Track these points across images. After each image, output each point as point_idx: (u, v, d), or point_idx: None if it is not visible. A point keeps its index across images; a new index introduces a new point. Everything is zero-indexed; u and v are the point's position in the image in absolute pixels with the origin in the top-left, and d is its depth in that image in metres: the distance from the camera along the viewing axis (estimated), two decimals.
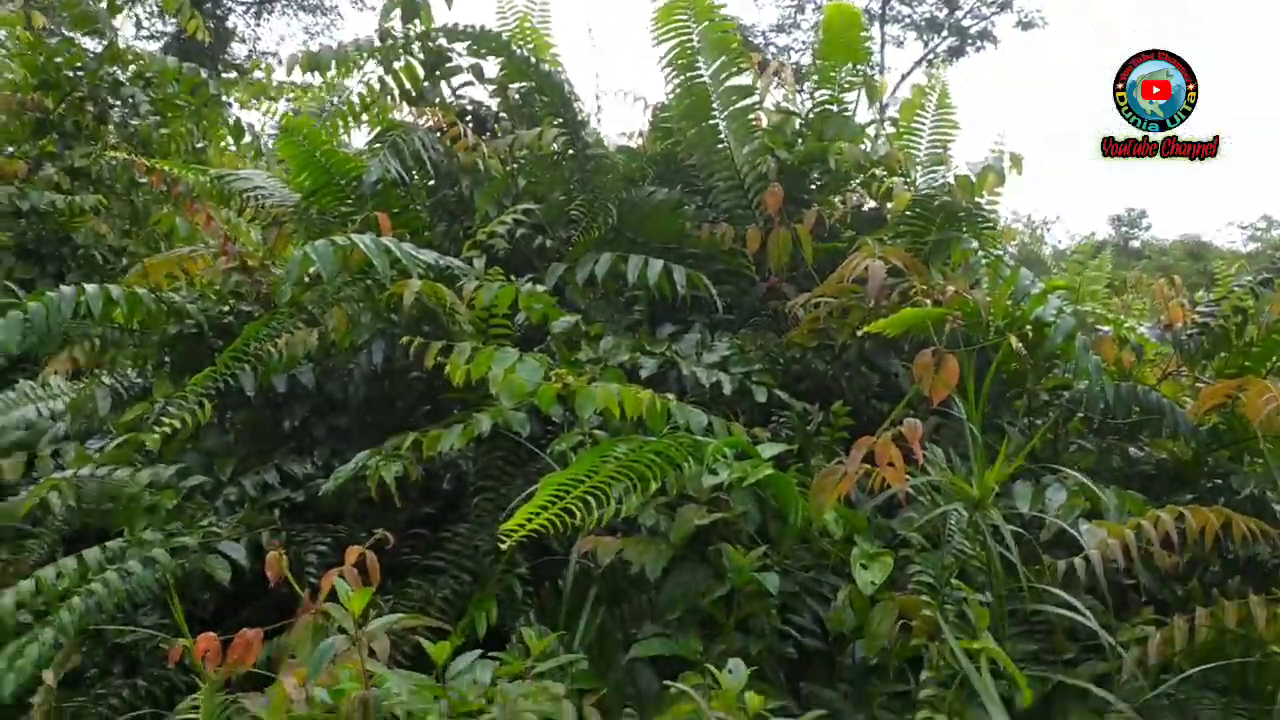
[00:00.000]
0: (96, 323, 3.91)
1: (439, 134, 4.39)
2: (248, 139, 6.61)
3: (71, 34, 6.52)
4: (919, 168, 4.48)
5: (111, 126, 6.25)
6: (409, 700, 2.23)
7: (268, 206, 4.24)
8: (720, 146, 4.21)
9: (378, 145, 4.18)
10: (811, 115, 4.50)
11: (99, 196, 5.68)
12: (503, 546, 2.32)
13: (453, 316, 3.40)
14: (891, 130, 4.63)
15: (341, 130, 5.02)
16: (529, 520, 2.36)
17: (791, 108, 4.64)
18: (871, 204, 4.39)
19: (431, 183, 4.44)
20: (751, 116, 4.25)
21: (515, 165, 4.46)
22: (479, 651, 2.30)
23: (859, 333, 3.27)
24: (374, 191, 4.00)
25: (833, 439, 3.32)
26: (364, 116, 4.92)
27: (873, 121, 4.62)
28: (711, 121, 4.18)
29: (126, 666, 3.65)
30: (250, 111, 7.68)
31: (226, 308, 4.07)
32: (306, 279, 3.71)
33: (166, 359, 4.04)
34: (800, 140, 4.44)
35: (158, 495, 3.59)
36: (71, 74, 6.19)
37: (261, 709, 2.46)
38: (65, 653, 3.42)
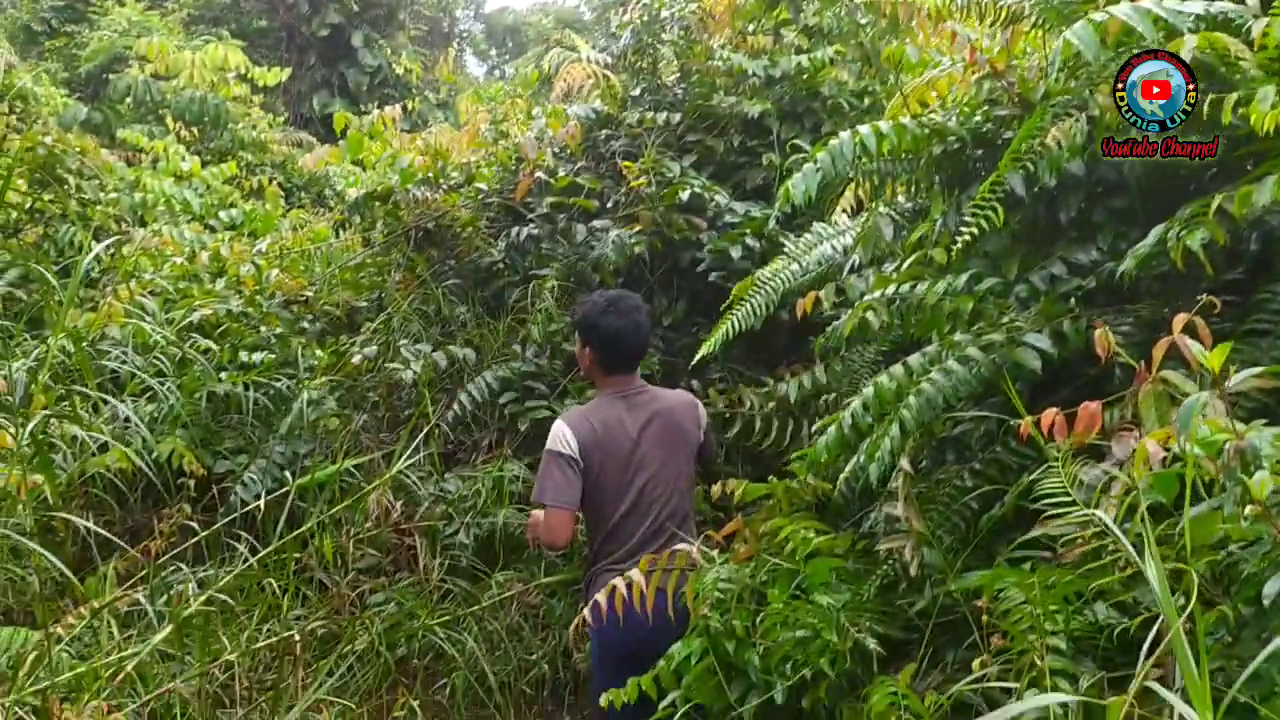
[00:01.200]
0: (871, 159, 4.32)
1: None
2: None
3: None
4: None
5: None
6: (1273, 451, 2.22)
7: (1009, 6, 4.26)
8: None
9: None
10: None
11: (836, 46, 6.20)
12: None
13: (1235, 65, 3.13)
14: None
15: None
16: None
17: None
18: None
19: None
20: None
21: None
22: None
23: None
24: None
25: None
26: None
27: None
28: None
29: (957, 454, 4.11)
30: None
31: (980, 117, 4.21)
32: (1063, 67, 3.69)
33: (935, 179, 4.32)
34: None
35: (955, 302, 3.92)
36: None
37: (1114, 469, 2.66)
38: (906, 445, 3.95)
